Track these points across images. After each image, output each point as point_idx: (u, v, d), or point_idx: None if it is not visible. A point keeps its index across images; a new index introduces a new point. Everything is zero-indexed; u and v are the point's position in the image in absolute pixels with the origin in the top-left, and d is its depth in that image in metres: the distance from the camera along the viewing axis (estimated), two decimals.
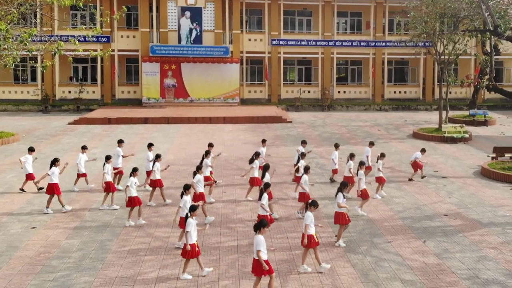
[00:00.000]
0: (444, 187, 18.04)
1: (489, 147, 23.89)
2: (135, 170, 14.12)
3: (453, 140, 27.13)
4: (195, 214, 10.75)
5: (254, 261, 9.67)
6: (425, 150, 19.63)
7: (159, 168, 15.87)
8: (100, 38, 38.32)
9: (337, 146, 19.04)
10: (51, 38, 23.71)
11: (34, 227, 13.57)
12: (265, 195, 12.68)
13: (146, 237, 12.93)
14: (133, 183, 13.84)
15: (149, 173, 16.25)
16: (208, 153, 16.75)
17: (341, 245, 12.36)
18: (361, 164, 15.22)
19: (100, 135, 28.55)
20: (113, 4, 39.03)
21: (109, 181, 15.40)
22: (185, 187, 12.31)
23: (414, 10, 30.04)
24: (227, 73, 40.59)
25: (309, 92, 43.18)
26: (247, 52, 42.12)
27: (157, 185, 15.74)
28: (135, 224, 13.75)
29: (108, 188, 15.33)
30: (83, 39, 22.13)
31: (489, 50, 29.33)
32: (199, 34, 39.87)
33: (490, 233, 13.47)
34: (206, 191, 15.24)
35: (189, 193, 12.33)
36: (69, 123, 32.39)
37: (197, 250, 10.60)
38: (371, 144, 19.27)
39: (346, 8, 43.76)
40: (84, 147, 17.96)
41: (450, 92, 36.63)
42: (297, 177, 16.71)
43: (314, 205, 11.08)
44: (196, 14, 39.81)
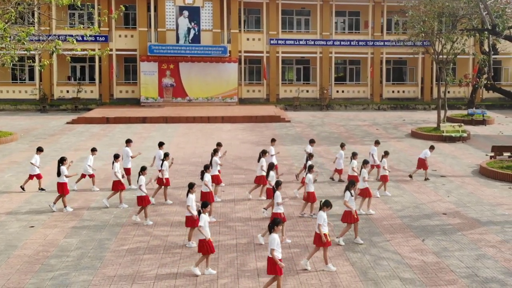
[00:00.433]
0: (443, 186, 18.06)
1: (488, 146, 23.93)
2: (143, 169, 14.14)
3: (451, 139, 27.17)
4: (207, 210, 10.91)
5: (268, 260, 9.71)
6: (434, 147, 19.66)
7: (167, 167, 15.96)
8: (98, 37, 38.33)
9: (343, 145, 18.88)
10: (49, 38, 23.64)
11: (32, 226, 13.55)
12: (278, 193, 12.63)
13: (144, 236, 12.92)
14: (143, 182, 13.90)
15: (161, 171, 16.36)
16: (216, 151, 16.90)
17: (340, 243, 12.36)
18: (365, 162, 15.25)
19: (98, 134, 28.51)
20: (111, 3, 39.00)
21: (118, 180, 15.47)
22: (190, 186, 12.31)
23: (412, 9, 30.10)
24: (225, 72, 40.57)
25: (307, 91, 43.18)
26: (245, 52, 42.12)
27: (165, 183, 15.83)
28: (152, 223, 13.78)
29: (116, 186, 15.45)
30: (81, 38, 22.10)
31: (487, 50, 29.42)
32: (197, 33, 39.87)
33: (489, 231, 13.48)
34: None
35: (194, 192, 12.34)
36: (67, 123, 32.35)
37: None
38: (377, 143, 19.17)
39: (344, 8, 43.77)
40: (93, 149, 17.95)
41: (449, 92, 36.67)
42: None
43: (326, 205, 11.11)
44: (194, 14, 39.81)
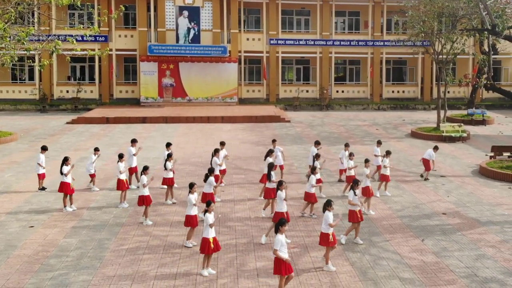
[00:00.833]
0: (443, 186, 18.06)
1: (487, 146, 23.93)
2: (145, 169, 14.18)
3: (451, 139, 27.17)
4: (212, 209, 10.92)
5: (274, 261, 9.73)
6: (438, 148, 19.68)
7: (170, 167, 16.02)
8: (98, 37, 38.31)
9: (347, 145, 18.67)
10: (49, 37, 23.63)
11: (32, 226, 13.55)
12: (280, 192, 12.63)
13: (144, 236, 12.92)
14: (145, 181, 13.93)
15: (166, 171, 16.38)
16: (217, 151, 16.92)
17: (341, 242, 12.37)
18: (366, 161, 15.24)
19: (98, 134, 28.50)
20: (111, 3, 38.99)
21: (122, 179, 15.52)
22: (190, 186, 12.33)
23: (412, 9, 30.09)
24: (225, 72, 40.56)
25: (307, 91, 43.17)
26: (245, 52, 42.10)
27: (169, 183, 15.88)
28: (152, 223, 13.79)
29: (120, 186, 15.53)
30: (81, 38, 22.13)
31: (487, 50, 29.43)
32: (197, 33, 39.85)
33: (489, 231, 13.48)
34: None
35: (195, 192, 12.34)
36: (67, 123, 32.33)
37: (212, 247, 10.69)
38: (379, 143, 19.14)
39: (344, 8, 43.75)
40: (96, 148, 17.95)
41: (448, 92, 36.64)
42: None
43: (330, 205, 11.13)
44: (194, 14, 39.79)
